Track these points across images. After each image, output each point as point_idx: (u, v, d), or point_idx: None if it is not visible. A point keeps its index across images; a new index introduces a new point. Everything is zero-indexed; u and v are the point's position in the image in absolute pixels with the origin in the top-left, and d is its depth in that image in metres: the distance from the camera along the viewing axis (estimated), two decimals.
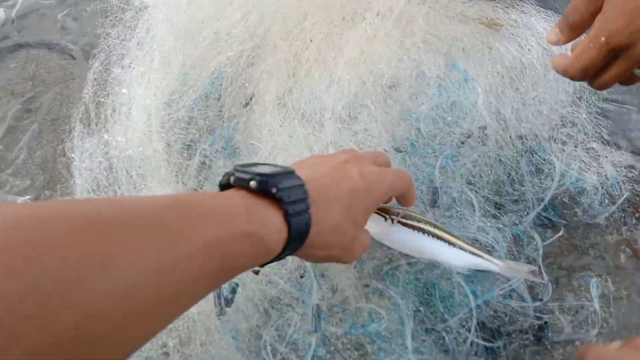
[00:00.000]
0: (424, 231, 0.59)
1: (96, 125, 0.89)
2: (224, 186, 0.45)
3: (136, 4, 0.94)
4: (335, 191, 0.48)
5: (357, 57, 0.78)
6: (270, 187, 0.41)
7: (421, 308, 0.66)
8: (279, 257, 0.43)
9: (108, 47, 0.92)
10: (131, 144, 0.81)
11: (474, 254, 0.62)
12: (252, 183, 0.41)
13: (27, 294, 0.25)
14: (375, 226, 0.59)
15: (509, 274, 0.67)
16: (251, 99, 0.82)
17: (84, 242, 0.28)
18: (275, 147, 0.75)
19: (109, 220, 0.31)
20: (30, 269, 0.25)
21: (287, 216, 0.42)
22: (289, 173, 0.44)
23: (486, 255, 0.64)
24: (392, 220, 0.58)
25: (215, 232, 0.36)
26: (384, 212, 0.60)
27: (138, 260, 0.30)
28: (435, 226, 0.61)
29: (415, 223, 0.59)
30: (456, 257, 0.61)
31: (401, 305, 0.65)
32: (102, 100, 0.90)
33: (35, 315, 0.25)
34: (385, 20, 0.80)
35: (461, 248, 0.62)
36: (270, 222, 0.41)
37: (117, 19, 0.92)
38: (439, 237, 0.60)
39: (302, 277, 0.69)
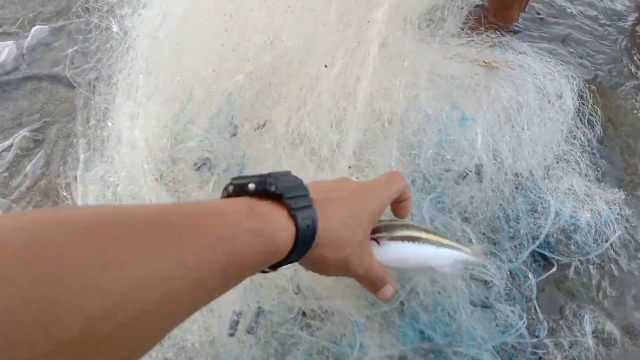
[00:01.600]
0: (409, 239, 0.58)
1: (100, 156, 0.91)
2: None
3: (140, 39, 0.96)
4: (336, 192, 0.49)
5: (362, 92, 0.80)
6: (269, 185, 0.41)
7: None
8: (291, 258, 0.42)
9: (114, 81, 0.95)
10: (134, 175, 0.83)
11: (456, 248, 0.63)
12: (251, 185, 0.41)
13: (26, 299, 0.24)
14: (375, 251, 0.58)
15: (477, 260, 0.68)
16: (264, 124, 0.83)
17: (83, 244, 0.27)
18: None
19: (108, 222, 0.30)
20: (28, 273, 0.24)
21: (291, 211, 0.40)
22: (286, 174, 0.44)
23: (464, 248, 0.64)
24: (378, 242, 0.57)
25: (220, 229, 0.35)
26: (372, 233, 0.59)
27: (141, 260, 0.29)
28: (419, 229, 0.61)
29: (399, 233, 0.58)
30: (446, 257, 0.62)
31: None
32: (107, 132, 0.92)
33: (35, 320, 0.24)
34: (389, 57, 0.83)
35: (447, 246, 0.62)
36: (276, 219, 0.40)
37: (124, 52, 0.94)
38: (426, 241, 0.60)
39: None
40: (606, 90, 1.10)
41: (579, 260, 0.83)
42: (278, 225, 0.39)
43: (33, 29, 1.11)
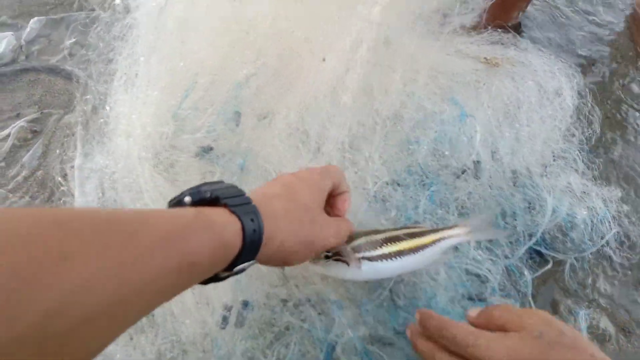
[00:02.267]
0: (388, 256, 0.59)
1: (98, 144, 0.91)
2: None
3: (143, 20, 0.96)
4: (269, 188, 0.51)
5: (361, 86, 0.80)
6: (204, 192, 0.43)
7: None
8: (244, 255, 0.42)
9: (113, 66, 0.94)
10: (131, 164, 0.83)
11: (439, 240, 0.63)
12: (187, 198, 0.42)
13: None
14: (344, 274, 0.58)
15: (477, 238, 0.69)
16: (266, 116, 0.83)
17: (44, 238, 0.28)
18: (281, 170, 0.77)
19: (69, 218, 0.30)
20: None
21: (231, 208, 0.42)
22: (219, 182, 0.46)
23: (448, 233, 0.64)
24: (353, 262, 0.58)
25: (171, 227, 0.35)
26: (342, 257, 0.58)
27: (97, 255, 0.30)
28: (397, 239, 0.60)
29: (376, 252, 0.58)
30: (429, 257, 0.62)
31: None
32: (104, 119, 0.92)
33: None
34: (389, 52, 0.83)
35: (427, 245, 0.62)
36: (220, 217, 0.41)
37: (126, 34, 0.94)
38: (405, 252, 0.60)
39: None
40: (606, 88, 1.10)
41: (574, 257, 0.83)
42: (223, 220, 0.41)
43: (31, 21, 1.11)
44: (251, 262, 0.44)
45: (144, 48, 0.87)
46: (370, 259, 0.58)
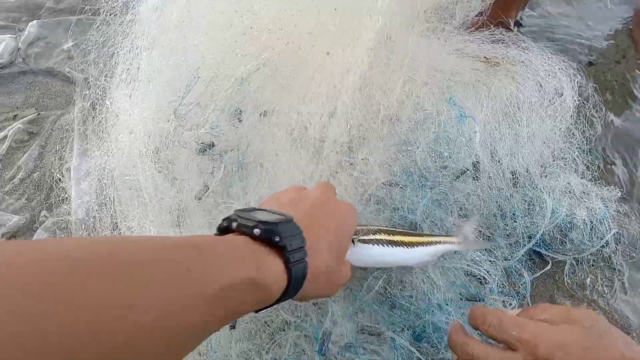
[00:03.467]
0: (381, 242, 0.61)
1: (97, 140, 0.90)
2: (224, 230, 0.45)
3: (146, 13, 0.94)
4: (325, 232, 0.50)
5: (359, 87, 0.79)
6: (274, 235, 0.43)
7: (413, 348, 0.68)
8: (275, 303, 0.45)
9: (115, 61, 0.93)
10: (132, 161, 0.82)
11: (431, 243, 0.66)
12: (256, 231, 0.42)
13: (48, 336, 0.25)
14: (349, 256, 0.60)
15: (468, 248, 0.71)
16: (265, 113, 0.83)
17: (110, 287, 0.29)
18: (279, 170, 0.77)
19: (130, 263, 0.32)
20: (69, 311, 0.26)
21: (289, 264, 0.43)
22: (288, 221, 0.46)
23: (443, 239, 0.67)
24: (354, 241, 0.60)
25: (228, 278, 0.37)
26: None
27: (157, 301, 0.31)
28: (392, 233, 0.63)
29: (373, 237, 0.61)
30: (418, 255, 0.65)
31: (396, 340, 0.66)
32: (104, 115, 0.91)
33: (57, 355, 0.25)
34: (389, 51, 0.82)
35: (419, 244, 0.65)
36: (274, 270, 0.42)
37: (125, 37, 0.93)
38: (397, 244, 0.63)
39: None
40: (607, 88, 1.09)
41: (574, 258, 0.83)
42: (274, 277, 0.42)
43: (30, 24, 1.10)
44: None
45: (146, 42, 0.86)
46: (364, 241, 0.60)
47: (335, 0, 0.76)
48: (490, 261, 0.75)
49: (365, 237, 0.60)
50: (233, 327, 0.65)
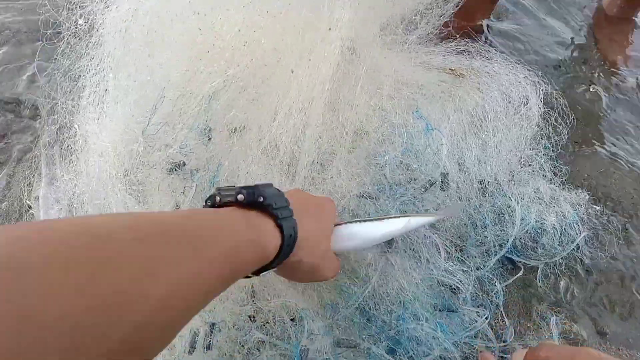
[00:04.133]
0: (365, 220, 0.65)
1: (67, 164, 0.89)
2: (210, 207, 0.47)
3: (110, 35, 0.93)
4: (304, 203, 0.53)
5: (328, 100, 0.80)
6: (258, 196, 0.45)
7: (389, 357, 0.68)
8: (274, 263, 0.46)
9: (81, 83, 0.92)
10: (101, 186, 0.81)
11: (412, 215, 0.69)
12: (240, 196, 0.45)
13: (93, 309, 0.26)
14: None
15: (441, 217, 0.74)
16: (235, 130, 0.83)
17: (133, 256, 0.30)
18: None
19: (147, 234, 0.33)
20: (96, 285, 0.27)
21: (278, 220, 0.45)
22: (269, 185, 0.48)
23: (419, 216, 0.70)
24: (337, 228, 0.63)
25: (230, 241, 0.39)
26: None
27: (172, 271, 0.32)
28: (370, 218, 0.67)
29: (353, 220, 0.65)
30: (400, 226, 0.67)
31: (373, 349, 0.66)
32: (72, 139, 0.90)
33: (94, 330, 0.26)
34: (354, 65, 0.83)
35: (399, 217, 0.68)
36: (267, 229, 0.44)
37: (91, 58, 0.92)
38: (378, 219, 0.66)
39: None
40: (572, 95, 1.12)
41: (545, 262, 0.84)
42: (269, 235, 0.44)
43: None
44: (275, 269, 0.48)
45: (112, 63, 0.86)
46: (347, 222, 0.63)
47: (297, 17, 0.77)
48: (462, 270, 0.75)
49: (348, 221, 0.64)
50: (191, 353, 0.64)
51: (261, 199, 0.45)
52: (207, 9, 0.81)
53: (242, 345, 0.68)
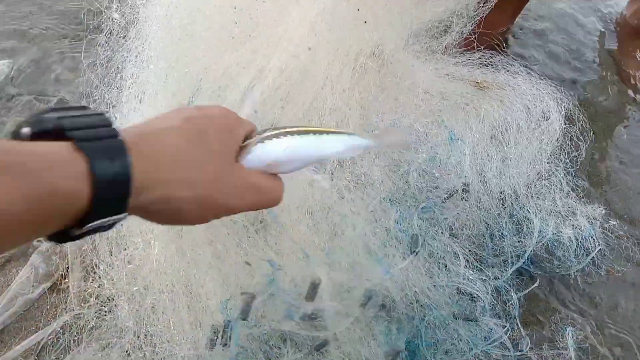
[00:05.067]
0: (292, 133, 0.50)
1: None
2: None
3: (150, 28, 0.95)
4: (164, 120, 0.40)
5: (350, 106, 0.82)
6: (46, 122, 0.33)
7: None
8: (101, 207, 0.33)
9: (120, 76, 0.94)
10: None
11: (348, 134, 0.56)
12: (25, 129, 0.33)
13: None
14: (250, 159, 0.47)
15: (383, 145, 0.64)
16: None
17: None
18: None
19: None
20: None
21: (77, 143, 0.32)
22: (77, 107, 0.36)
23: (358, 136, 0.57)
24: (255, 142, 0.48)
25: (26, 189, 0.29)
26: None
27: None
28: (302, 126, 0.52)
29: (280, 130, 0.50)
30: (334, 143, 0.54)
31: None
32: None
33: None
34: (383, 74, 0.85)
35: (334, 133, 0.54)
36: (52, 156, 0.31)
37: (129, 52, 0.93)
38: (308, 132, 0.52)
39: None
40: (591, 110, 1.13)
41: (561, 274, 0.86)
42: (54, 159, 0.31)
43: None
44: (119, 216, 0.34)
45: (151, 54, 0.85)
46: (269, 137, 0.49)
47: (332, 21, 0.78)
48: (481, 279, 0.77)
49: (270, 134, 0.49)
50: (211, 349, 0.65)
51: (50, 125, 0.33)
52: (244, 3, 0.80)
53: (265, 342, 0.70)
